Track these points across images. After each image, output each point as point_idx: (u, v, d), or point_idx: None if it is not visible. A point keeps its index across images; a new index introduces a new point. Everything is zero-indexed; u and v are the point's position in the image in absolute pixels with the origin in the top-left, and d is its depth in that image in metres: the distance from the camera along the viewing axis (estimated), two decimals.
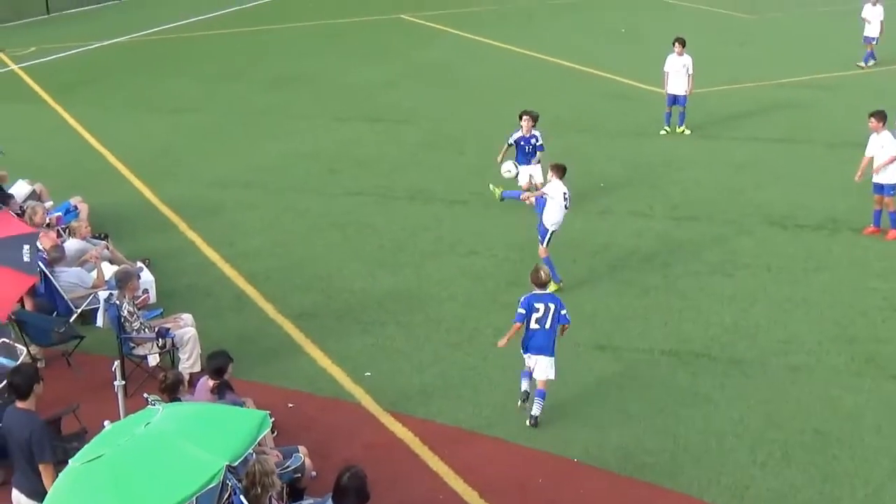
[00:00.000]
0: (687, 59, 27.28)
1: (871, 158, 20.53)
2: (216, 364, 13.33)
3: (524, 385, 14.89)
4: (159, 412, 9.95)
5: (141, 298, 16.91)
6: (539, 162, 21.86)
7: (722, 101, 30.72)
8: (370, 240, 21.07)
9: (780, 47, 38.60)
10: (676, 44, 27.50)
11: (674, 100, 27.55)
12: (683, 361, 16.07)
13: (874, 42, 34.77)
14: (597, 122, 28.85)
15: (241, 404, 12.90)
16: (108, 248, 19.08)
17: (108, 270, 17.74)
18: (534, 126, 21.90)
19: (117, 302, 15.56)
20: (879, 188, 20.53)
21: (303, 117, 30.23)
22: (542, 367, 14.61)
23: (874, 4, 34.64)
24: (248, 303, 18.43)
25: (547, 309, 14.49)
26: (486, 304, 18.11)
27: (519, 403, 14.76)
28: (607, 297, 18.30)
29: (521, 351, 14.79)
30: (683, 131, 27.64)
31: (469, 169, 25.07)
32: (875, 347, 16.36)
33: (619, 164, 25.23)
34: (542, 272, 14.81)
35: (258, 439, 10.01)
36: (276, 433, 13.52)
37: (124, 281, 15.81)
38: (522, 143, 21.85)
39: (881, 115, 20.51)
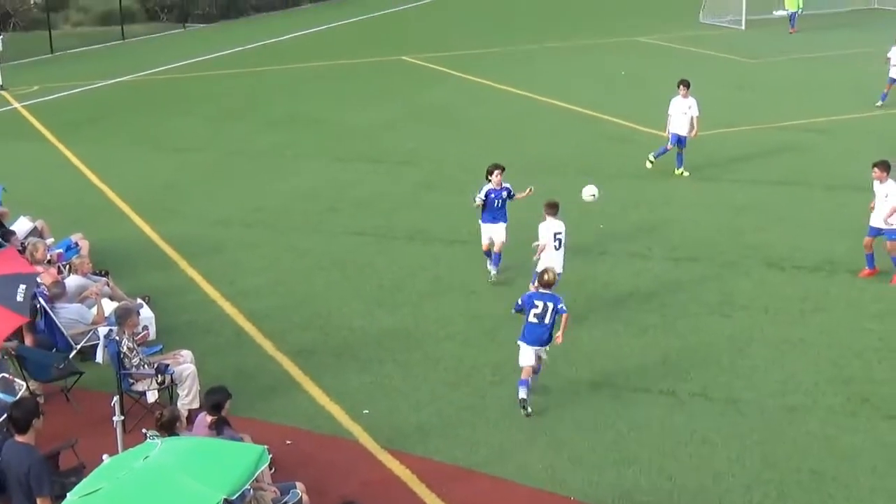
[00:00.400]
0: (692, 101, 27.44)
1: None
2: (214, 400, 13.39)
3: (522, 393, 15.61)
4: (158, 446, 10.04)
5: (140, 335, 17.03)
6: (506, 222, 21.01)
7: (721, 143, 30.88)
8: (369, 279, 21.18)
9: (779, 91, 38.81)
10: (681, 86, 27.62)
11: (678, 140, 27.65)
12: (680, 401, 16.13)
13: (893, 83, 35.37)
14: (597, 163, 28.98)
15: (240, 440, 12.95)
16: (108, 285, 19.18)
17: (109, 307, 17.84)
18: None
19: (117, 338, 15.65)
20: (877, 231, 20.61)
21: (305, 157, 30.41)
22: (540, 355, 15.95)
23: None
24: (247, 340, 18.51)
25: (545, 307, 15.58)
26: (483, 343, 18.19)
27: (522, 412, 15.62)
28: (605, 337, 18.38)
29: (518, 341, 15.85)
30: (682, 173, 27.77)
31: (468, 210, 25.02)
32: (871, 388, 16.43)
33: (619, 205, 25.34)
34: (547, 273, 15.90)
35: (256, 474, 10.11)
36: (273, 469, 13.54)
37: (124, 317, 15.91)
38: (493, 196, 20.82)
39: (885, 165, 20.56)
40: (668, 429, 15.34)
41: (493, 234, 20.87)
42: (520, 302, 15.91)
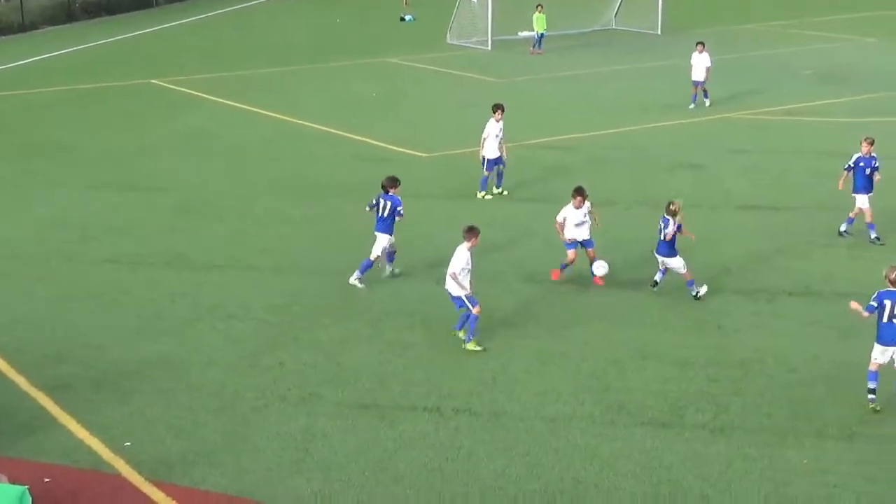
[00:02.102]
0: (502, 125, 27.79)
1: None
2: None
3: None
4: None
5: None
6: None
7: (474, 161, 31.30)
8: (127, 308, 20.69)
9: (527, 110, 39.62)
10: (497, 111, 27.87)
11: (495, 163, 27.95)
12: (445, 417, 16.34)
13: (699, 85, 38.60)
14: (354, 184, 29.02)
15: None
16: None
17: None
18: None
19: None
20: (577, 244, 21.75)
21: (53, 185, 29.43)
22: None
23: (700, 52, 38.37)
24: None
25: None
26: (246, 369, 18.03)
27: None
28: (369, 357, 18.46)
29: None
30: (503, 192, 28.22)
31: (226, 234, 24.96)
32: (627, 396, 17.02)
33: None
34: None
35: None
36: None
37: None
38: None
39: (581, 191, 21.53)
40: (435, 445, 15.52)
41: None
42: None
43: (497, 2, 53.20)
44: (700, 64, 38.42)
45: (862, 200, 24.09)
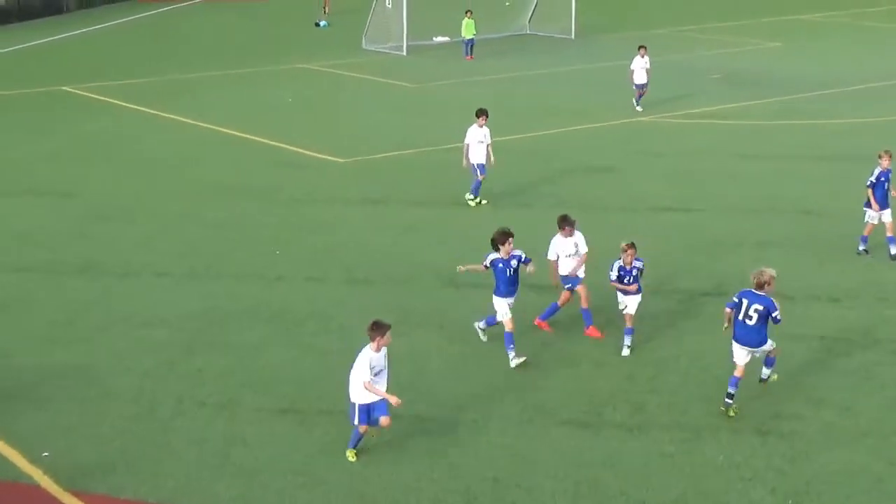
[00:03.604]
0: (486, 130, 27.52)
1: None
2: None
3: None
4: None
5: None
6: None
7: (390, 166, 31.49)
8: (39, 316, 20.45)
9: (442, 114, 39.71)
10: (481, 116, 27.53)
11: (482, 169, 27.66)
12: None
13: (640, 88, 39.51)
14: (271, 189, 28.92)
15: None
16: None
17: None
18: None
19: None
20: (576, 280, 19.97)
21: None
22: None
23: (642, 56, 39.43)
24: None
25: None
26: (163, 375, 17.93)
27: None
28: (287, 362, 18.46)
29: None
30: (480, 202, 27.74)
31: (139, 240, 24.71)
32: (545, 396, 17.18)
33: (292, 230, 25.43)
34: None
35: None
36: None
37: None
38: (502, 265, 18.65)
39: (565, 220, 19.68)
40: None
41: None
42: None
43: (412, 7, 53.29)
44: (641, 66, 39.17)
45: (886, 215, 23.28)
